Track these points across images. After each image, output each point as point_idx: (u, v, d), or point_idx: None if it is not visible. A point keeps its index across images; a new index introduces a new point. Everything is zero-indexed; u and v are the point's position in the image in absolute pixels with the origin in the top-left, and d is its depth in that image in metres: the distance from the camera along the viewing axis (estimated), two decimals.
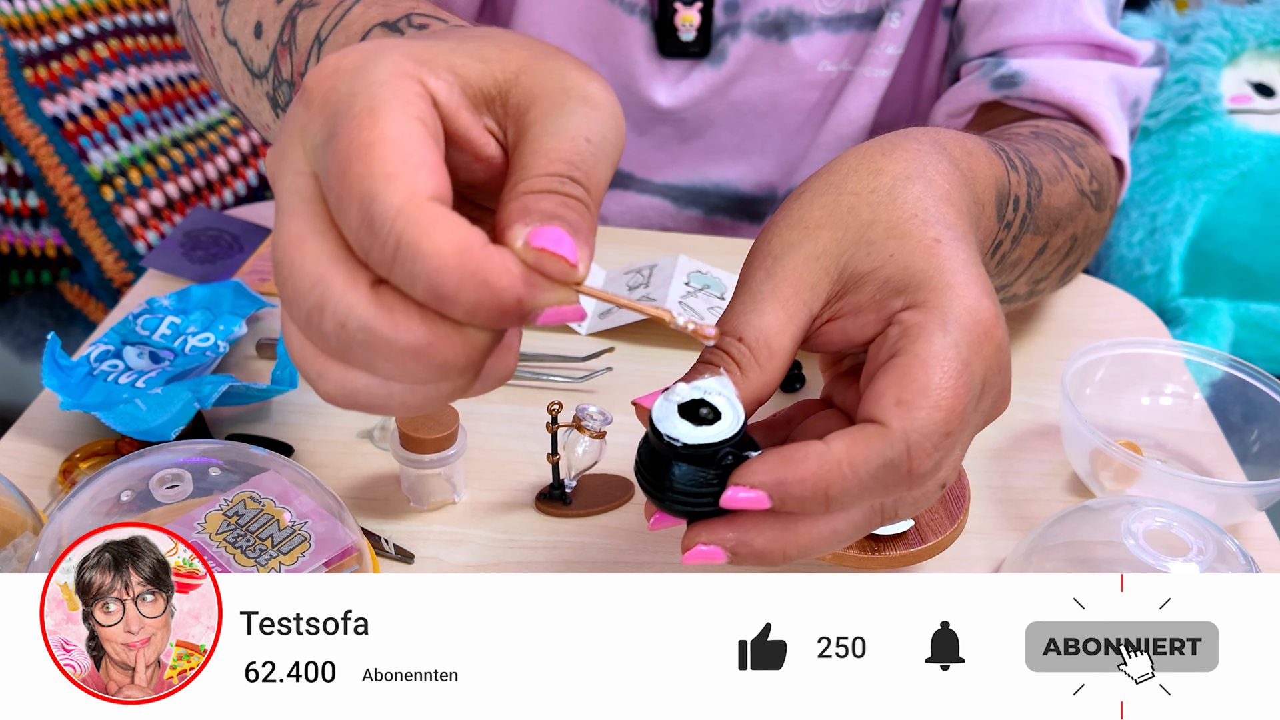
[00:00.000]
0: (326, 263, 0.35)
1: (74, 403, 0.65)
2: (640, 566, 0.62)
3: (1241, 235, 1.24)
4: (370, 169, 0.34)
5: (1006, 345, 0.45)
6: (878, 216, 0.46)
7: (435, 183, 0.35)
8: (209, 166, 1.34)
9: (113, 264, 1.26)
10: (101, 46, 1.33)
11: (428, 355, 0.35)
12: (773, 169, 0.93)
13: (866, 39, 0.85)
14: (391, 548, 0.61)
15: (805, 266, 0.45)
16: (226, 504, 0.51)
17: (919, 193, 0.46)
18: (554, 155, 0.37)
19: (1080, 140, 0.74)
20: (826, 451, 0.40)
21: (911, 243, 0.45)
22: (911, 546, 0.56)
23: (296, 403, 0.72)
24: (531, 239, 0.35)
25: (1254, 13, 1.36)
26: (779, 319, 0.44)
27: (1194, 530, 0.57)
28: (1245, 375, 0.70)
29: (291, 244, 0.36)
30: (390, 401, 0.38)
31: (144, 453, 0.53)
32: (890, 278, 0.44)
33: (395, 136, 0.35)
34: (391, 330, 0.35)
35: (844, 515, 0.43)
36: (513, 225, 0.36)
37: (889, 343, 0.43)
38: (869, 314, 0.45)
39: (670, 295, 0.78)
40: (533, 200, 0.36)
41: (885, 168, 0.47)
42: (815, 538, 0.42)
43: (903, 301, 0.44)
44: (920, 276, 0.44)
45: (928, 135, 0.51)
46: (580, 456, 0.63)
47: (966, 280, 0.44)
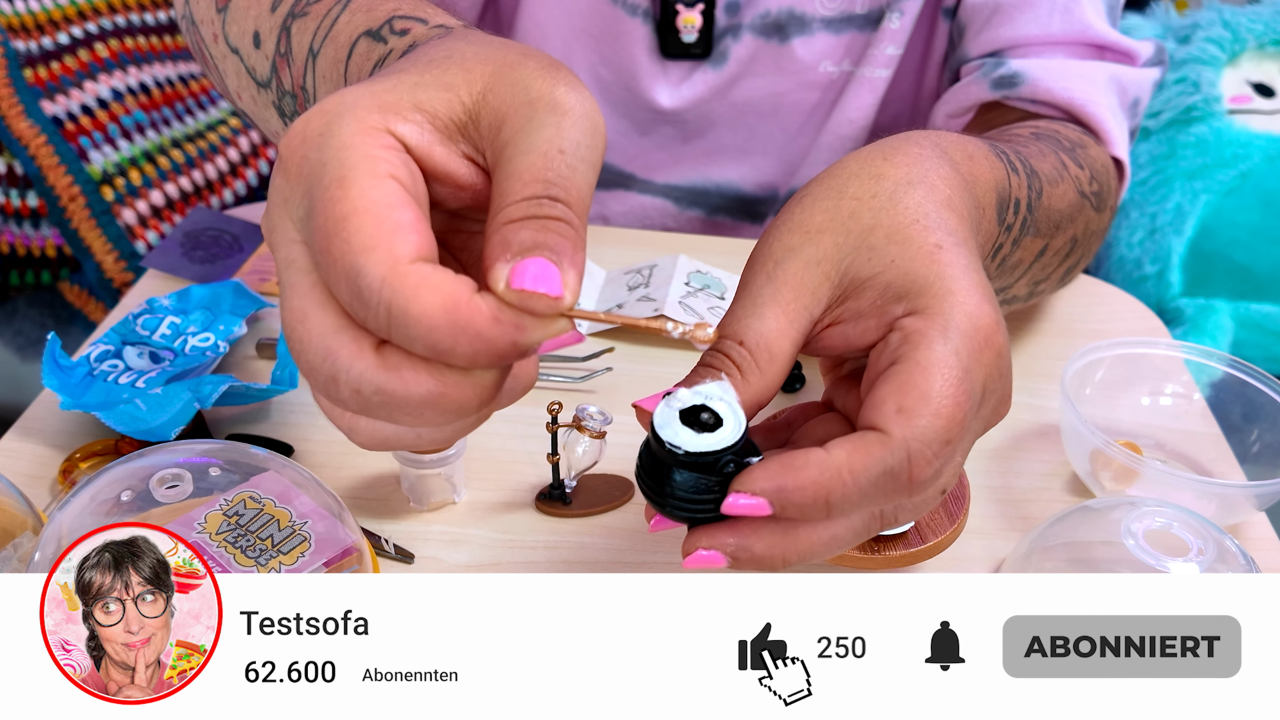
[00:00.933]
0: (331, 335, 0.37)
1: (74, 402, 0.65)
2: (640, 566, 0.62)
3: (1241, 235, 1.24)
4: (349, 244, 0.35)
5: (1007, 351, 0.45)
6: (879, 221, 0.45)
7: (415, 243, 0.36)
8: (209, 166, 1.34)
9: (113, 264, 1.26)
10: (101, 46, 1.33)
11: (442, 403, 0.37)
12: (774, 169, 0.93)
13: (867, 39, 0.85)
14: (391, 548, 0.61)
15: (806, 271, 0.45)
16: (227, 504, 0.51)
17: (920, 198, 0.46)
18: (529, 176, 0.37)
19: (1080, 141, 0.73)
20: (827, 459, 0.41)
21: (913, 248, 0.45)
22: (911, 546, 0.56)
23: (296, 403, 0.72)
24: (512, 280, 0.36)
25: (1254, 13, 1.36)
26: (779, 323, 0.44)
27: (1194, 530, 0.57)
28: (1245, 375, 0.70)
29: (297, 321, 0.37)
30: (420, 441, 0.40)
31: (144, 453, 0.53)
32: (891, 283, 0.44)
33: (368, 205, 0.36)
34: (403, 388, 0.36)
35: (844, 521, 0.43)
36: (495, 265, 0.36)
37: (890, 349, 0.43)
38: (870, 319, 0.45)
39: (670, 295, 0.78)
40: (512, 231, 0.36)
41: (887, 172, 0.47)
42: (815, 543, 0.42)
43: (904, 308, 0.44)
44: (921, 283, 0.44)
45: (929, 139, 0.51)
46: (580, 456, 0.63)
47: (967, 286, 0.44)
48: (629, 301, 0.80)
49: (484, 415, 0.39)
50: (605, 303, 0.81)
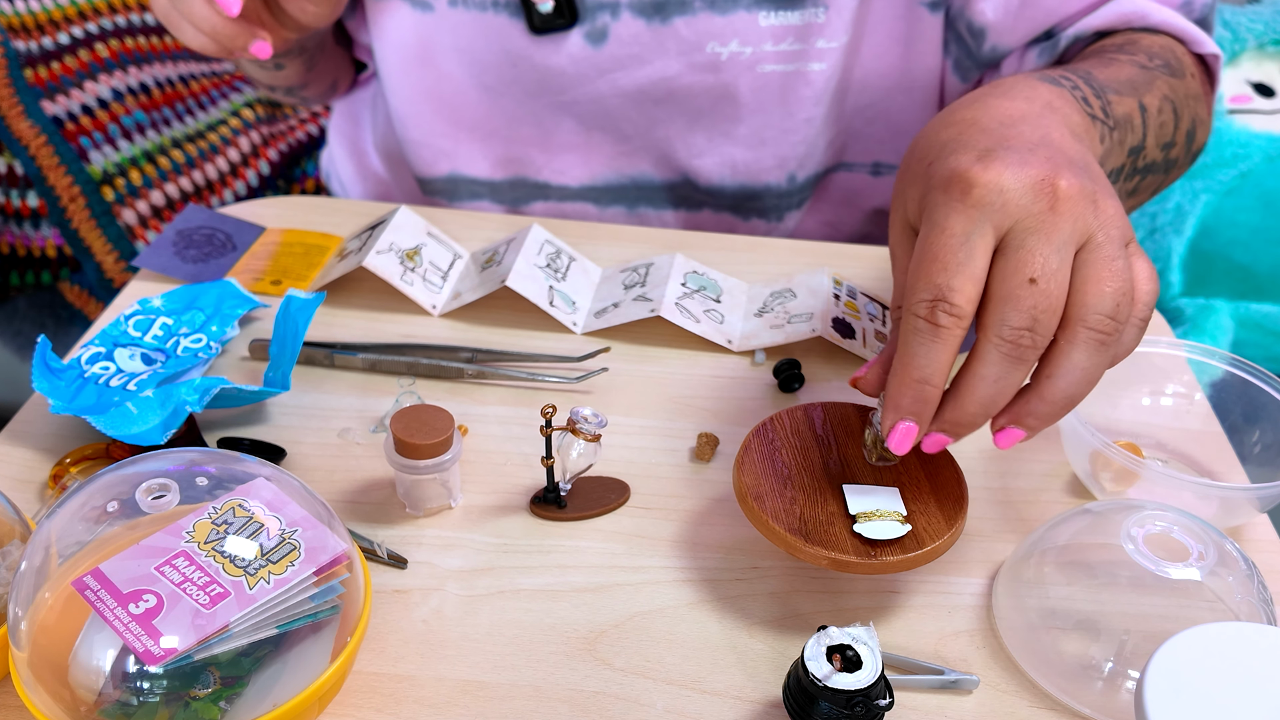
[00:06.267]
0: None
1: (64, 406, 0.65)
2: (635, 570, 0.61)
3: (1241, 235, 1.23)
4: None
5: (1086, 189, 0.52)
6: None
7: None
8: (209, 167, 1.34)
9: (113, 264, 1.26)
10: (102, 46, 1.32)
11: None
12: (682, 157, 0.93)
13: (784, 28, 0.85)
14: (385, 553, 0.61)
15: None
16: (215, 512, 0.50)
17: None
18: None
19: (1126, 40, 0.79)
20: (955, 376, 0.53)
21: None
22: (909, 552, 0.55)
23: (290, 405, 0.71)
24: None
25: (1254, 13, 1.35)
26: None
27: (1194, 534, 0.56)
28: (1247, 375, 0.70)
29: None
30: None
31: (133, 460, 0.53)
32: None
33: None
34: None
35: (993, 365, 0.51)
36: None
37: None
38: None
39: (667, 296, 0.77)
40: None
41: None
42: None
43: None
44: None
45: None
46: (575, 460, 0.63)
47: (956, 150, 0.54)
48: (625, 300, 0.79)
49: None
50: (601, 301, 0.80)
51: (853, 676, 0.49)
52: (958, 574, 0.62)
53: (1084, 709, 0.55)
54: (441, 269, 0.82)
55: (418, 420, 0.61)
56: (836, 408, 0.64)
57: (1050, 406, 0.52)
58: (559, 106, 0.91)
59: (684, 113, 0.90)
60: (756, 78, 0.87)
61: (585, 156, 0.94)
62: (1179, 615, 0.55)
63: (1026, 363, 0.51)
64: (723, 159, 0.92)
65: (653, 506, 0.65)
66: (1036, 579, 0.58)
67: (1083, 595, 0.57)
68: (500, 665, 0.56)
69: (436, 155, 0.96)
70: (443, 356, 0.75)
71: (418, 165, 0.97)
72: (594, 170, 0.95)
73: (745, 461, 0.60)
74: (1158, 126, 0.74)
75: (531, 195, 0.97)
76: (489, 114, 0.93)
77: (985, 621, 0.60)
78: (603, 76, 0.88)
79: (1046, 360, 0.52)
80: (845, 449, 0.61)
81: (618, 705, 0.54)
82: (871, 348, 0.76)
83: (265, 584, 0.48)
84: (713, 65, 0.87)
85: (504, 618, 0.58)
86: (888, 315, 0.81)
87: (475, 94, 0.92)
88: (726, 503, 0.65)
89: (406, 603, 0.59)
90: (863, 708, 0.48)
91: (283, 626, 0.48)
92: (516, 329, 0.78)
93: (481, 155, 0.95)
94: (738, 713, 0.54)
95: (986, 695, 0.56)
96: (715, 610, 0.59)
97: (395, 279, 0.78)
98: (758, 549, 0.63)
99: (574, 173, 0.95)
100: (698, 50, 0.86)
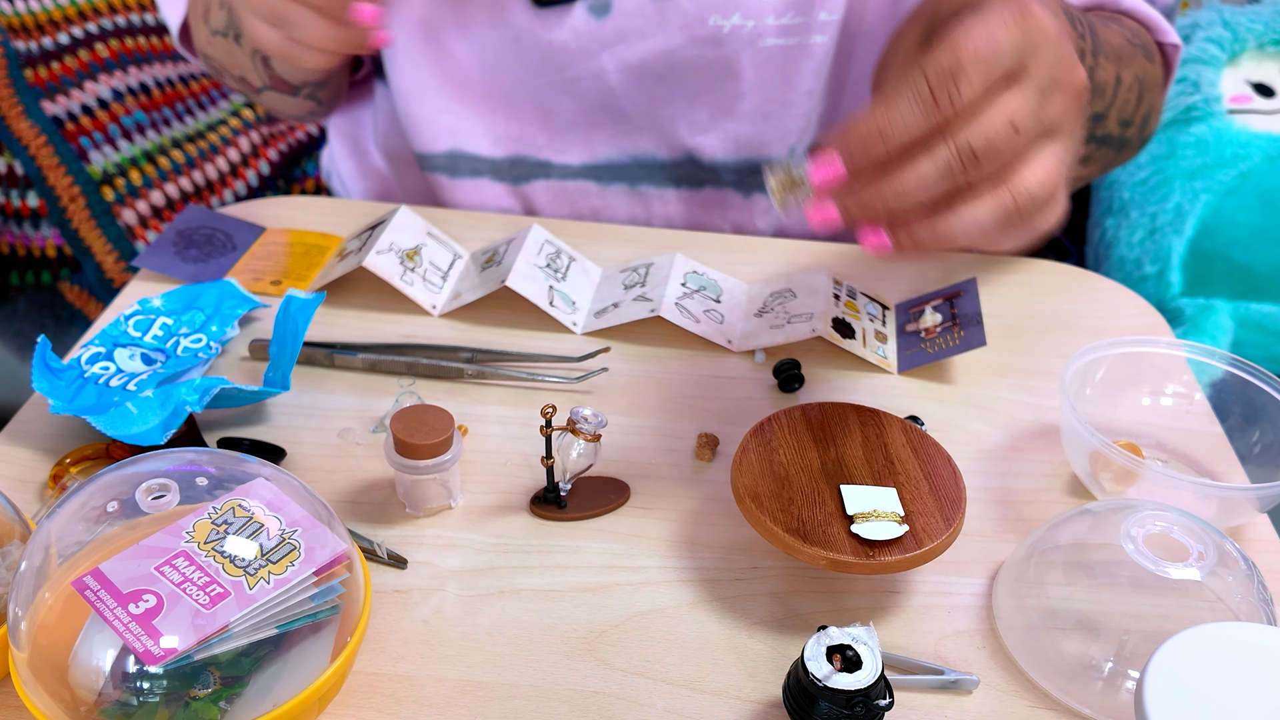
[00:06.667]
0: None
1: (64, 406, 0.65)
2: (635, 570, 0.61)
3: (1241, 235, 1.23)
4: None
5: (1052, 32, 0.51)
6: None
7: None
8: (209, 167, 1.34)
9: (113, 264, 1.26)
10: (101, 46, 1.32)
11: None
12: (685, 134, 0.93)
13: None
14: (385, 553, 0.61)
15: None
16: (215, 512, 0.50)
17: None
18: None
19: (1109, 16, 0.81)
20: (868, 108, 0.50)
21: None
22: (907, 552, 0.55)
23: (290, 405, 0.71)
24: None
25: (1254, 13, 1.35)
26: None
27: (1194, 534, 0.56)
28: (1247, 375, 0.70)
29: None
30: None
31: (133, 460, 0.53)
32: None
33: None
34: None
35: (924, 158, 0.50)
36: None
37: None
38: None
39: (667, 296, 0.77)
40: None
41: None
42: (906, 181, 0.51)
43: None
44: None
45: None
46: (575, 460, 0.63)
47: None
48: (625, 300, 0.79)
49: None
50: (601, 301, 0.81)
51: (853, 676, 0.49)
52: (958, 574, 0.62)
53: (1084, 709, 0.55)
54: (441, 269, 0.82)
55: (418, 420, 0.61)
56: (834, 408, 0.64)
57: (930, 232, 0.53)
58: (561, 84, 0.91)
59: (685, 89, 0.90)
60: (758, 52, 0.87)
61: (587, 134, 0.94)
62: (1179, 615, 0.55)
63: (955, 184, 0.51)
64: (725, 135, 0.92)
65: (652, 506, 0.65)
66: (1036, 579, 0.58)
67: (1083, 595, 0.57)
68: (500, 665, 0.56)
69: (438, 131, 0.96)
70: (443, 356, 0.75)
71: (418, 141, 0.97)
72: (595, 148, 0.95)
73: (743, 462, 0.60)
74: (1123, 102, 0.77)
75: (532, 173, 0.97)
76: (491, 91, 0.93)
77: (985, 621, 0.60)
78: (605, 50, 0.88)
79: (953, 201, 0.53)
80: (843, 449, 0.61)
81: (618, 705, 0.54)
82: (871, 348, 0.76)
83: (265, 584, 0.48)
84: (714, 39, 0.87)
85: (504, 618, 0.58)
86: (888, 315, 0.81)
87: (478, 71, 0.92)
88: (726, 503, 0.65)
89: (406, 603, 0.59)
90: (863, 708, 0.49)
91: (283, 627, 0.48)
92: (516, 329, 0.78)
93: (483, 132, 0.95)
94: (738, 713, 0.54)
95: (986, 695, 0.56)
96: (715, 610, 0.59)
97: (395, 279, 0.78)
98: (757, 549, 0.63)
99: (575, 151, 0.95)
100: (699, 23, 0.86)
